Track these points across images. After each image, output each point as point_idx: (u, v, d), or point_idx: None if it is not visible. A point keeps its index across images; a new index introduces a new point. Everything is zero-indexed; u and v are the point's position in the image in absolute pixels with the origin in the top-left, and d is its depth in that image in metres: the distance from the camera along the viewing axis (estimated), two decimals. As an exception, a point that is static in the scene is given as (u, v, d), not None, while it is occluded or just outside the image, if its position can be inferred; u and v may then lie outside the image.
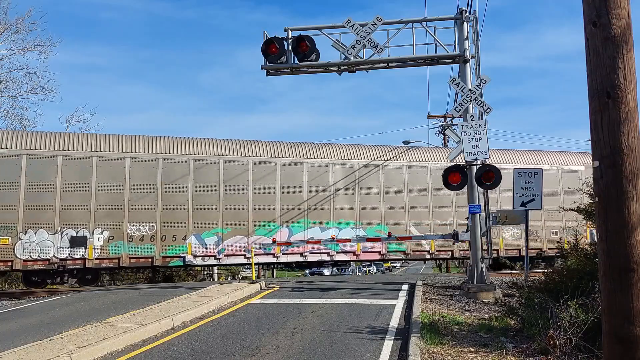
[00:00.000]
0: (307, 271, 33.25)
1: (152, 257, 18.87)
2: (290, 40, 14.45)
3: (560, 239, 18.89)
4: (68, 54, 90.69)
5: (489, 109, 13.42)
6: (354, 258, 22.13)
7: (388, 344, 8.37)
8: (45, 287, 18.18)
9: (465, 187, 14.02)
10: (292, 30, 14.61)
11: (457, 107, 13.87)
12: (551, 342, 7.09)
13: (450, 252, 22.59)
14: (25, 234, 17.85)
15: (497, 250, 21.90)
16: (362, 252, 21.41)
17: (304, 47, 14.14)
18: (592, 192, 8.19)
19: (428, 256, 22.84)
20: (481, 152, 13.13)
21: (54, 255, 17.98)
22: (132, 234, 18.80)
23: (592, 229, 16.04)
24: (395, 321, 10.21)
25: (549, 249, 22.76)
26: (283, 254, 20.32)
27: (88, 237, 18.29)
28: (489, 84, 14.06)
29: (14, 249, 17.67)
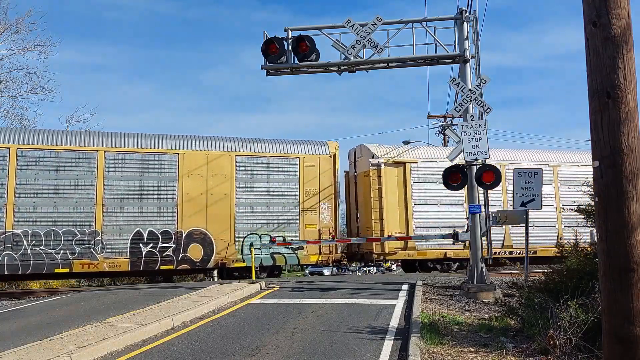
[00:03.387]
0: (307, 271, 33.23)
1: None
2: (290, 40, 14.44)
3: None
4: (72, 54, 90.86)
5: (489, 109, 13.42)
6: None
7: (388, 344, 8.37)
8: None
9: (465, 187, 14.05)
10: (292, 30, 14.60)
11: (457, 107, 13.87)
12: (551, 342, 7.10)
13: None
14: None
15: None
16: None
17: (304, 47, 14.13)
18: (592, 192, 8.19)
19: None
20: (481, 152, 13.12)
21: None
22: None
23: (592, 229, 16.04)
24: (395, 321, 10.21)
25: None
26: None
27: None
28: (494, 83, 14.15)
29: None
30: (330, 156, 20.81)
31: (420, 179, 21.57)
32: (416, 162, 21.68)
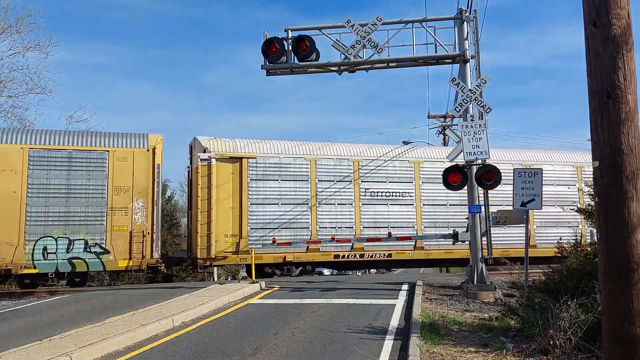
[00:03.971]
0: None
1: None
2: (290, 40, 14.44)
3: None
4: (74, 54, 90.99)
5: (489, 109, 13.43)
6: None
7: (388, 344, 8.37)
8: None
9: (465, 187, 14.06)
10: (292, 30, 14.61)
11: (457, 107, 13.87)
12: (551, 342, 7.10)
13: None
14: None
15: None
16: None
17: (304, 47, 14.13)
18: (592, 192, 8.19)
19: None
20: (481, 152, 13.13)
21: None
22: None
23: (592, 229, 16.03)
24: (395, 321, 10.21)
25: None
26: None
27: None
28: (501, 83, 14.19)
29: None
30: (149, 150, 18.57)
31: (259, 176, 19.69)
32: (255, 157, 19.73)
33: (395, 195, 20.89)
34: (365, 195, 20.61)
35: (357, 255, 20.36)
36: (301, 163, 20.26)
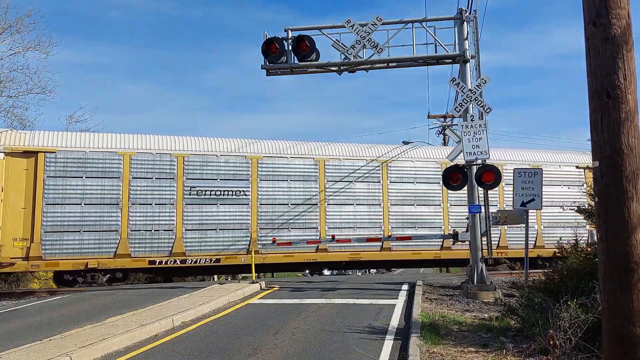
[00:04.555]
0: (307, 271, 33.21)
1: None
2: (290, 40, 14.45)
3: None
4: (74, 53, 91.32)
5: (489, 109, 13.43)
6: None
7: (388, 344, 8.38)
8: None
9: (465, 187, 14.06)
10: (292, 30, 14.61)
11: (457, 107, 13.87)
12: (551, 342, 7.10)
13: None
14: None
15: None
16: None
17: (304, 47, 14.14)
18: (592, 192, 8.20)
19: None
20: (481, 152, 13.13)
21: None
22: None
23: (592, 229, 16.03)
24: (395, 321, 10.21)
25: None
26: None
27: None
28: (502, 82, 14.18)
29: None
30: None
31: (59, 173, 17.44)
32: (55, 152, 17.48)
33: (228, 194, 18.96)
34: (190, 195, 18.59)
35: (178, 261, 18.33)
36: (112, 158, 18.01)
